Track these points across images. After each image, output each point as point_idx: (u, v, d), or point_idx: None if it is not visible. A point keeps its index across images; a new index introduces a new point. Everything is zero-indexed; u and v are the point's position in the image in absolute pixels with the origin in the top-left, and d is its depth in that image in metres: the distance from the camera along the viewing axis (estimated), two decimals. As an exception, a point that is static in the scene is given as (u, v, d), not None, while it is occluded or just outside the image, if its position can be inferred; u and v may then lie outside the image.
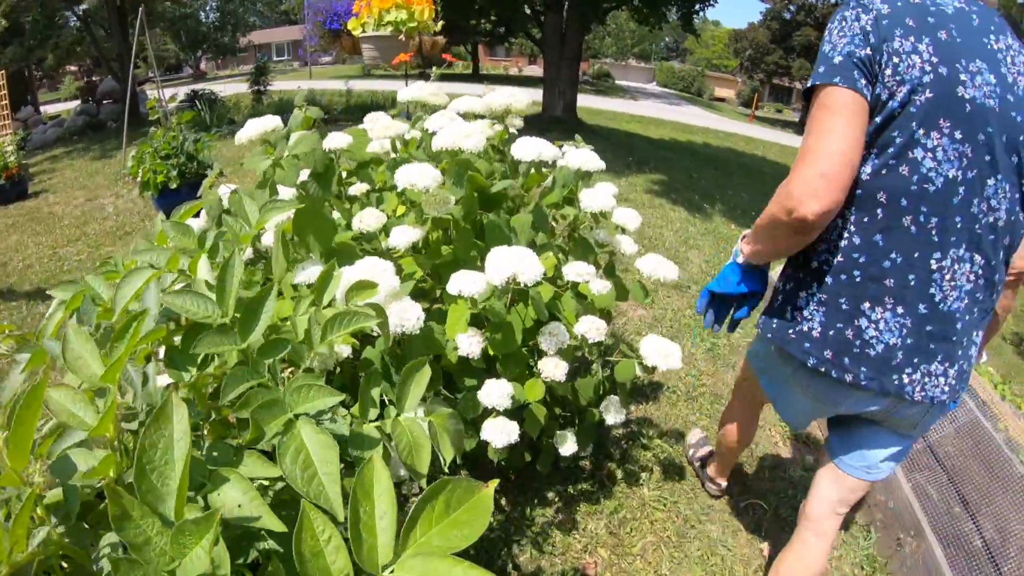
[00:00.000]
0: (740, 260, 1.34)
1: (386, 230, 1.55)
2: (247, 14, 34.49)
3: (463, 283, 1.27)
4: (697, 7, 10.15)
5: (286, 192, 1.58)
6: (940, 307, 1.07)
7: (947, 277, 1.06)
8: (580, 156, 1.65)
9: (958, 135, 1.00)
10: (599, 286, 1.54)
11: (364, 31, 3.16)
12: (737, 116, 25.40)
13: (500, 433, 1.35)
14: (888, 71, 1.01)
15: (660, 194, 7.03)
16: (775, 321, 1.25)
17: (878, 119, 1.03)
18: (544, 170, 1.96)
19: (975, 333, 1.14)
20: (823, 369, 1.16)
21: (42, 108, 15.03)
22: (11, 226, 5.63)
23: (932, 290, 1.07)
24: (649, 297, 1.66)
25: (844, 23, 1.07)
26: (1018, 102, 1.03)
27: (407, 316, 1.22)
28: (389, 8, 3.02)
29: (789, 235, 1.10)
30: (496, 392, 1.35)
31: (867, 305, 1.10)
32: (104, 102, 10.88)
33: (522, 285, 1.23)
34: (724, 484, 2.11)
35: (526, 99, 1.65)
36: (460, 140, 1.36)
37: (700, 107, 26.87)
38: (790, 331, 1.20)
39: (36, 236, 5.27)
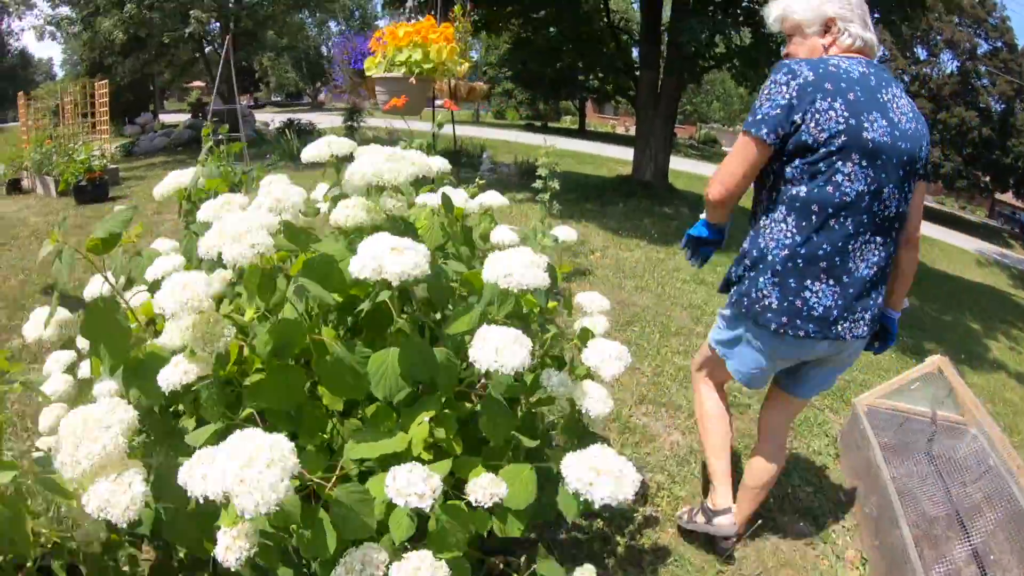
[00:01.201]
0: (703, 217, 1.87)
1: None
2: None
3: (211, 468, 0.75)
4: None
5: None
6: (855, 275, 1.57)
7: (858, 255, 1.57)
8: (498, 265, 1.08)
9: (864, 163, 1.51)
10: (486, 490, 0.96)
11: (378, 72, 2.84)
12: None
13: None
14: (812, 124, 1.49)
15: (744, 275, 6.20)
16: (746, 299, 1.65)
17: (809, 156, 1.52)
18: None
19: (881, 287, 1.64)
20: (782, 331, 1.59)
21: (162, 117, 16.36)
22: (79, 227, 5.71)
23: (851, 265, 1.57)
24: (578, 512, 1.05)
25: (775, 87, 1.53)
26: (902, 135, 1.53)
27: (115, 501, 0.73)
28: (403, 47, 2.65)
29: (709, 205, 1.74)
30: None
31: (808, 282, 1.56)
32: (213, 119, 11.69)
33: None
34: (733, 506, 1.91)
35: (408, 168, 1.08)
36: (223, 247, 0.86)
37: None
38: (757, 306, 1.62)
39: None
